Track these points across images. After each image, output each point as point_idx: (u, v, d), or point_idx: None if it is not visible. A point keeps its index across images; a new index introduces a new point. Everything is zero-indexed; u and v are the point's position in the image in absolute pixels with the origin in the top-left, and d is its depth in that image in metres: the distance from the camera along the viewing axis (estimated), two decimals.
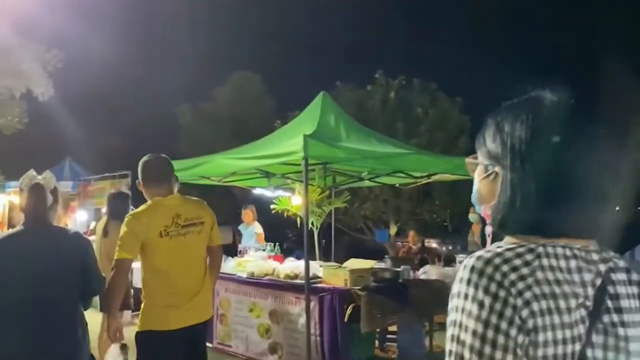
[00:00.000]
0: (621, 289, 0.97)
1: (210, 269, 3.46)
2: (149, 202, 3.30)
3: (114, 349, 4.88)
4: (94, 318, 3.62)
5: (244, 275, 5.86)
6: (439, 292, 5.05)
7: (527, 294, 0.90)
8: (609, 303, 0.95)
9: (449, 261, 7.01)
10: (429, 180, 7.11)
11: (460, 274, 0.97)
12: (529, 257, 0.94)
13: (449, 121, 15.15)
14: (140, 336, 3.20)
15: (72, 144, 16.85)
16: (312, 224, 7.20)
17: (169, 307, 3.17)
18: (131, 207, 5.05)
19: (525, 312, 0.89)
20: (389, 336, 5.96)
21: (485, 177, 1.08)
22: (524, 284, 0.91)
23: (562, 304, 0.91)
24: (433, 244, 16.22)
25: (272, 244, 7.15)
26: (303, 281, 5.11)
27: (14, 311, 2.62)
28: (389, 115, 14.97)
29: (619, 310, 0.95)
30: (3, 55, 9.45)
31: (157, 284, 3.19)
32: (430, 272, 6.23)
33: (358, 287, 4.90)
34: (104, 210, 5.91)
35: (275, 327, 5.45)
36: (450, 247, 15.35)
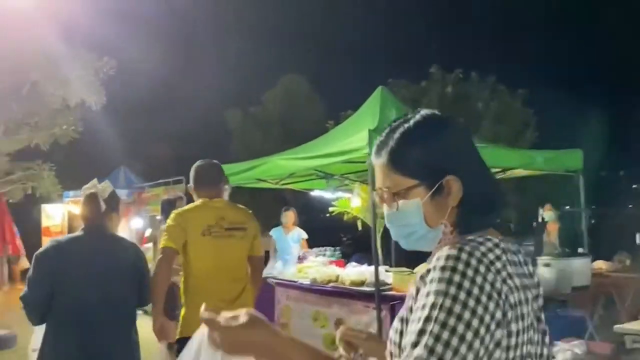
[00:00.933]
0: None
1: (251, 278, 3.41)
2: (196, 202, 3.34)
3: (162, 348, 4.70)
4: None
5: (306, 281, 5.51)
6: None
7: (504, 288, 0.94)
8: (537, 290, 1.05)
9: None
10: (503, 176, 6.41)
11: (443, 262, 0.95)
12: (497, 251, 0.98)
13: (512, 115, 14.46)
14: (180, 344, 3.09)
15: (125, 152, 17.03)
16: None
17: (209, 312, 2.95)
18: None
19: (506, 306, 0.93)
20: None
21: (432, 194, 1.05)
22: (500, 278, 0.95)
23: (529, 294, 0.99)
24: None
25: (332, 248, 6.81)
26: (371, 288, 4.76)
27: (71, 312, 2.69)
28: (447, 111, 14.32)
29: (540, 296, 1.05)
30: (57, 65, 9.50)
31: (198, 288, 3.16)
32: None
33: None
34: (159, 217, 5.77)
35: None
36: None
